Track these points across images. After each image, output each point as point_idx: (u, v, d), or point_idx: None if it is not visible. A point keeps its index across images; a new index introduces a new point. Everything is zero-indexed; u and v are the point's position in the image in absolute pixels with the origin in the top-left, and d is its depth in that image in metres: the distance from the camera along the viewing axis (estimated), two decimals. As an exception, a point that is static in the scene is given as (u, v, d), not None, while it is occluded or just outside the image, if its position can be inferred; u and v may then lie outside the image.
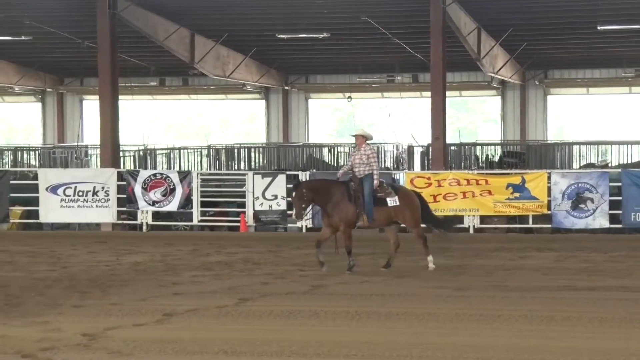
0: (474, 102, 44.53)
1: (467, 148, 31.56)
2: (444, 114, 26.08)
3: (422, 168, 29.57)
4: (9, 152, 34.97)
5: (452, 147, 30.34)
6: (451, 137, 30.82)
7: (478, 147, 32.02)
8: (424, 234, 17.09)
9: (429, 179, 24.82)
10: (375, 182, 16.61)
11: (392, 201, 16.68)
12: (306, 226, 24.76)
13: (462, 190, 24.52)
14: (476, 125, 44.67)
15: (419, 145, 31.58)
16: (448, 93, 27.29)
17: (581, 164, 30.44)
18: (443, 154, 26.07)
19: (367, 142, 16.85)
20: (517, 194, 24.28)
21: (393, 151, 33.30)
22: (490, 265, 17.86)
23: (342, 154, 32.65)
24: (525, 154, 31.07)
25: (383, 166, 31.97)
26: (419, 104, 40.01)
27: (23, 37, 32.05)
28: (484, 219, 24.76)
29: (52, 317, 12.16)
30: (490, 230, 24.77)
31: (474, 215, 24.60)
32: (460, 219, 23.92)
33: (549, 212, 24.13)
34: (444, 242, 18.78)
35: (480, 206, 24.51)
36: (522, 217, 24.75)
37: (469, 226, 24.57)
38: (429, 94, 27.80)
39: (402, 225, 17.29)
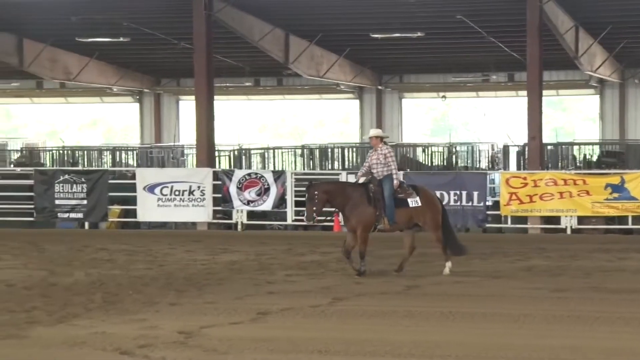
0: (571, 101, 43.87)
1: (564, 148, 31.09)
2: (540, 113, 25.71)
3: (518, 168, 29.21)
4: (108, 152, 35.62)
5: (549, 147, 29.91)
6: (548, 137, 30.40)
7: (575, 147, 31.52)
8: (443, 238, 16.31)
9: (525, 179, 24.49)
10: (395, 182, 16.04)
11: (414, 202, 16.07)
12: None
13: (559, 191, 24.12)
14: (573, 125, 43.99)
15: (515, 145, 31.20)
16: (544, 92, 26.89)
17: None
18: (539, 154, 25.69)
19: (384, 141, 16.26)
20: (616, 194, 23.79)
21: (488, 151, 32.97)
22: (588, 266, 17.53)
23: (437, 153, 32.45)
24: (624, 154, 30.46)
25: (478, 166, 31.70)
26: (515, 103, 39.56)
27: (121, 39, 32.61)
28: (581, 219, 24.32)
29: (149, 315, 12.33)
30: (588, 231, 24.32)
31: (571, 216, 24.19)
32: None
33: (650, 212, 23.61)
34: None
35: (577, 207, 24.09)
36: (621, 218, 24.24)
37: (566, 227, 24.18)
38: (525, 93, 27.47)
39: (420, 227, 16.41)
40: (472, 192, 24.39)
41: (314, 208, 15.82)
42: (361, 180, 16.39)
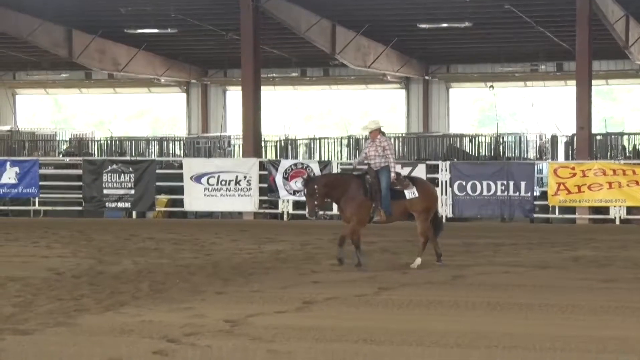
0: (621, 91, 43.36)
1: (613, 138, 30.73)
2: (589, 103, 25.48)
3: (566, 158, 28.94)
4: (155, 142, 35.81)
5: (598, 137, 29.60)
6: (597, 127, 30.07)
7: (625, 137, 31.14)
8: (427, 234, 16.02)
9: (573, 169, 24.28)
10: (393, 174, 15.79)
11: (411, 193, 15.83)
12: (446, 216, 24.58)
13: (607, 181, 23.89)
14: (623, 115, 43.48)
15: (563, 135, 30.92)
16: (594, 82, 26.64)
17: None
18: (588, 144, 25.47)
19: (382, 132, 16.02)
20: (666, 185, 23.53)
21: (536, 141, 32.70)
22: (637, 257, 17.33)
23: (484, 143, 32.25)
24: (675, 144, 30.07)
25: (525, 156, 31.46)
26: (564, 93, 39.19)
27: (169, 30, 32.80)
28: (630, 209, 24.07)
29: (196, 304, 12.39)
30: (638, 221, 24.05)
31: (620, 206, 23.95)
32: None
33: (700, 203, 23.31)
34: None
35: (627, 197, 23.84)
36: (671, 209, 23.96)
37: (615, 217, 23.95)
38: (573, 82, 27.23)
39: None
40: (520, 182, 24.25)
41: (316, 203, 15.51)
42: (357, 167, 16.37)
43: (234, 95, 39.88)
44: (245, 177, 25.71)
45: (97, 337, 10.41)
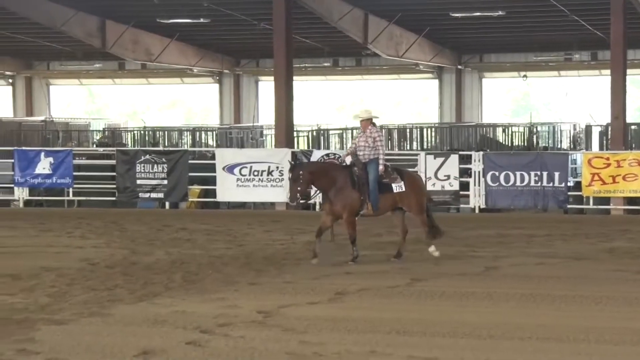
0: (656, 80, 42.91)
1: (648, 127, 30.48)
2: (624, 92, 25.27)
3: (601, 148, 28.75)
4: (188, 132, 35.94)
5: (633, 127, 29.37)
6: (632, 117, 29.88)
7: (660, 127, 30.86)
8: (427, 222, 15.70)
9: (607, 159, 24.09)
10: (381, 167, 15.31)
11: (398, 187, 15.39)
12: (479, 207, 24.50)
13: (643, 171, 23.68)
14: (658, 104, 43.07)
15: (598, 125, 30.70)
16: (628, 71, 26.41)
17: None
18: (623, 134, 25.26)
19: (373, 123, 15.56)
20: (701, 175, 23.31)
21: (570, 131, 32.51)
22: (672, 248, 17.20)
23: (517, 133, 32.11)
24: None
25: (559, 146, 31.29)
26: (598, 83, 38.88)
27: (202, 20, 32.86)
28: (665, 200, 23.87)
29: (229, 294, 12.43)
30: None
31: (655, 197, 23.76)
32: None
33: None
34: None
35: (662, 188, 23.64)
36: None
37: (650, 208, 23.77)
38: (608, 72, 27.01)
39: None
40: (554, 172, 24.10)
41: (299, 188, 15.12)
42: (347, 160, 15.77)
43: (266, 86, 39.92)
44: (277, 168, 25.72)
45: (130, 327, 10.47)
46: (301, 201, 15.36)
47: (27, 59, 42.77)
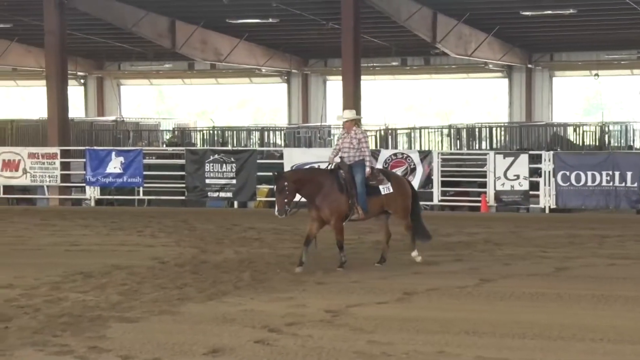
0: None
1: None
2: (699, 90, 24.82)
3: (674, 148, 28.28)
4: (257, 132, 36.13)
5: None
6: None
7: None
8: (412, 226, 15.14)
9: (682, 158, 23.66)
10: (368, 169, 14.74)
11: (385, 189, 14.81)
12: (549, 207, 24.23)
13: None
14: None
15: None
16: (703, 69, 25.95)
17: None
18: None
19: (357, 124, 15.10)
20: None
21: (643, 130, 32.06)
22: None
23: (588, 133, 31.73)
24: None
25: (631, 145, 30.85)
26: (672, 81, 38.26)
27: (270, 20, 33.00)
28: None
29: (297, 294, 12.46)
30: None
31: None
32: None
33: None
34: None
35: None
36: None
37: None
38: (682, 70, 26.58)
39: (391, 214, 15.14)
40: (626, 172, 23.72)
41: (286, 200, 14.31)
42: (335, 162, 14.98)
43: (334, 85, 39.95)
44: (345, 167, 25.66)
45: (199, 325, 10.54)
46: (290, 213, 14.53)
47: (99, 59, 43.39)
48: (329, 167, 15.04)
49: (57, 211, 25.72)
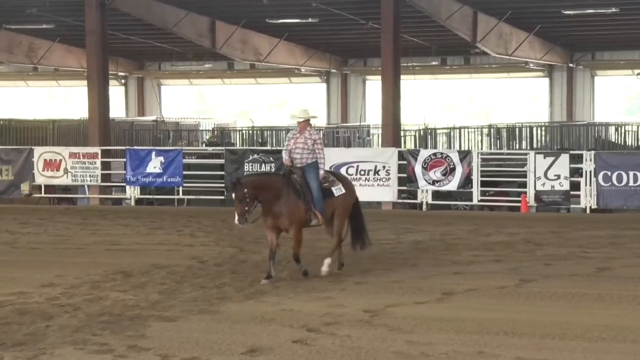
0: None
1: None
2: None
3: None
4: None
5: None
6: None
7: None
8: (342, 235, 14.47)
9: None
10: (321, 172, 14.08)
11: (338, 190, 14.19)
12: (591, 207, 24.02)
13: None
14: None
15: None
16: None
17: None
18: None
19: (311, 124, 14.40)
20: None
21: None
22: None
23: (630, 133, 31.43)
24: None
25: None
26: None
27: (310, 20, 33.01)
28: None
29: (335, 293, 12.45)
30: None
31: None
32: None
33: None
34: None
35: None
36: None
37: None
38: None
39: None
40: (668, 172, 23.48)
41: (246, 208, 13.41)
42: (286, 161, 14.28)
43: (374, 85, 39.87)
44: (384, 167, 25.66)
45: (238, 325, 10.57)
46: (251, 221, 13.77)
47: (139, 59, 43.65)
48: (282, 173, 14.46)
49: (97, 210, 25.90)
